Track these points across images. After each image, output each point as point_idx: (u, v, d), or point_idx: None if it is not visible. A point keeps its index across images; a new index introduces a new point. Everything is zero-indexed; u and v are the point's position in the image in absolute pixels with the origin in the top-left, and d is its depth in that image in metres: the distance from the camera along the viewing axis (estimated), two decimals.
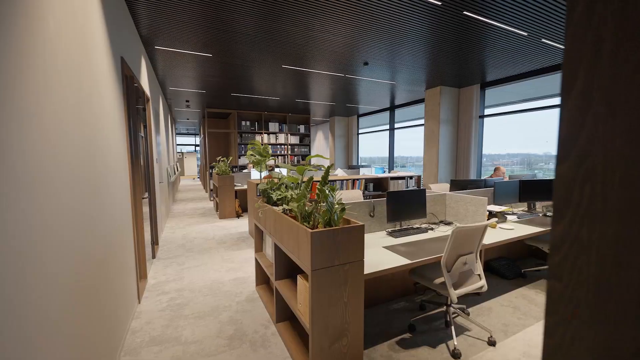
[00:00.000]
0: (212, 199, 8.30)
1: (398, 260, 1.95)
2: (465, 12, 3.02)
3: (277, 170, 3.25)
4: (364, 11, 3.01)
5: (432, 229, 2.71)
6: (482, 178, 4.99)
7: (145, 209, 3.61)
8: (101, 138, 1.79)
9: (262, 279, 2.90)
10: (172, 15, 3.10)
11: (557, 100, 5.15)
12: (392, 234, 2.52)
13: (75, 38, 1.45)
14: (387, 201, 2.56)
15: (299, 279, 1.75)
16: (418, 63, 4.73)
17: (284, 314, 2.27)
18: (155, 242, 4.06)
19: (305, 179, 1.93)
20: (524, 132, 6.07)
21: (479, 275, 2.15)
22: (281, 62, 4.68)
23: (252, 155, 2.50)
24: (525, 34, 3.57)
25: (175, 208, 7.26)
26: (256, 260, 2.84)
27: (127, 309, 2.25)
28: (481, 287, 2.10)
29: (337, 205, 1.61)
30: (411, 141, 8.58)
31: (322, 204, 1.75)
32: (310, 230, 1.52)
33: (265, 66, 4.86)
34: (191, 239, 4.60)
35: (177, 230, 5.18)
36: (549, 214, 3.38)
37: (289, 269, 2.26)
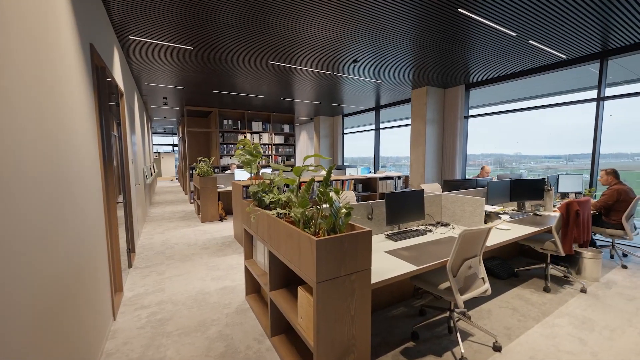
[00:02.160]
0: (192, 201, 7.91)
1: (403, 267, 1.83)
2: (459, 10, 2.98)
3: (265, 170, 3.06)
4: (357, 4, 2.89)
5: (430, 230, 2.63)
6: (470, 178, 5.03)
7: (120, 213, 3.30)
8: (67, 136, 1.54)
9: (252, 287, 2.70)
10: (147, 0, 2.83)
11: (539, 102, 5.30)
12: (391, 237, 2.41)
13: (32, 14, 1.21)
14: (386, 203, 2.45)
15: (300, 291, 1.59)
16: (407, 62, 4.69)
17: (280, 327, 2.10)
18: (131, 249, 3.73)
19: (305, 179, 1.76)
20: (496, 133, 6.24)
21: (482, 278, 2.09)
22: (267, 58, 4.47)
23: (241, 154, 2.31)
24: (515, 34, 3.59)
25: (152, 211, 6.83)
26: (246, 268, 2.64)
27: (100, 328, 1.99)
28: (485, 291, 2.03)
29: (344, 210, 1.47)
30: (391, 142, 8.61)
31: (322, 206, 1.60)
32: (315, 239, 1.36)
33: (250, 62, 4.63)
34: (171, 245, 4.30)
35: (155, 235, 4.83)
36: (538, 213, 3.41)
37: (284, 278, 2.09)
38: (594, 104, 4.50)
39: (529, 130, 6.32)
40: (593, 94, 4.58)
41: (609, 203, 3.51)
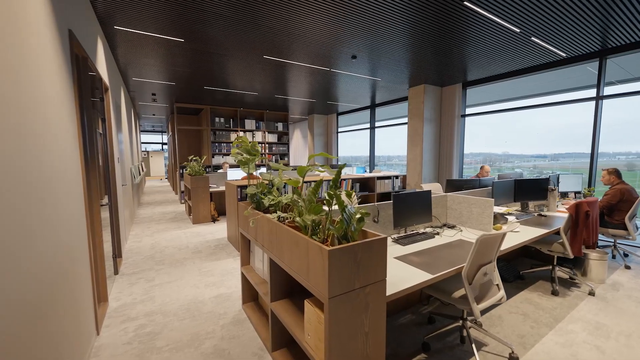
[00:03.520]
0: (183, 201, 7.65)
1: (416, 275, 1.69)
2: (465, 3, 2.85)
3: (260, 171, 2.88)
4: None
5: (437, 233, 2.51)
6: (471, 177, 4.95)
7: (105, 215, 3.08)
8: (38, 131, 1.34)
9: (249, 295, 2.53)
10: None
11: (533, 101, 5.27)
12: (398, 241, 2.27)
13: None
14: (393, 205, 2.31)
15: (308, 305, 1.43)
16: (406, 58, 4.56)
17: (281, 341, 1.93)
18: (117, 254, 3.50)
19: (308, 179, 1.60)
20: (485, 132, 6.24)
21: (497, 285, 1.97)
22: (262, 52, 4.28)
23: (238, 153, 2.13)
24: (518, 30, 3.50)
25: (141, 213, 6.55)
26: (243, 275, 2.47)
27: (82, 345, 1.79)
28: (501, 299, 1.91)
29: (358, 215, 1.31)
30: (382, 141, 8.54)
31: (330, 208, 1.45)
32: (328, 248, 1.20)
33: (244, 56, 4.43)
34: (161, 249, 4.07)
35: (144, 238, 4.58)
36: (543, 213, 3.34)
37: (287, 287, 1.92)
38: (587, 103, 4.50)
39: (517, 129, 6.35)
40: (586, 93, 4.58)
41: (612, 203, 3.47)
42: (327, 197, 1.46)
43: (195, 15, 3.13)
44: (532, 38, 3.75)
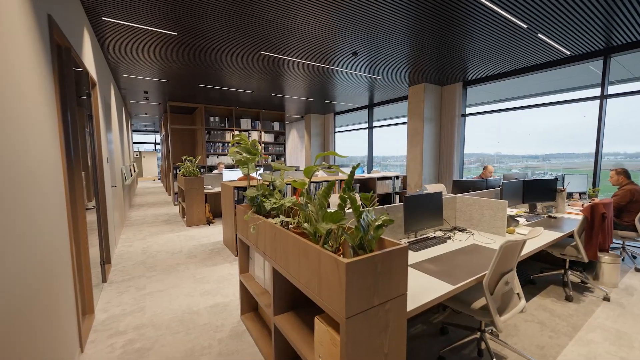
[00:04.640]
0: (176, 203, 7.41)
1: (435, 285, 1.54)
2: None
3: (259, 172, 2.70)
4: None
5: (448, 237, 2.37)
6: (475, 178, 4.84)
7: (93, 218, 2.87)
8: (7, 128, 1.15)
9: (248, 305, 2.35)
10: None
11: (530, 101, 5.19)
12: (410, 247, 2.12)
13: None
14: (404, 208, 2.16)
15: (319, 323, 1.26)
16: (407, 55, 4.43)
17: (285, 357, 1.76)
18: (105, 260, 3.29)
19: (314, 179, 1.44)
20: (478, 133, 6.18)
21: (517, 294, 1.83)
22: (259, 48, 4.10)
23: (237, 152, 1.96)
24: (525, 26, 3.40)
25: (132, 215, 6.30)
26: (241, 283, 2.29)
27: None
28: (523, 308, 1.78)
29: (379, 222, 1.16)
30: (377, 141, 8.43)
31: (344, 213, 1.29)
32: (345, 261, 1.04)
33: (241, 52, 4.25)
34: (153, 254, 3.86)
35: (135, 242, 4.36)
36: (552, 215, 3.23)
37: (291, 298, 1.76)
38: (582, 103, 4.47)
39: (509, 130, 6.32)
40: (584, 93, 4.55)
41: (622, 204, 3.38)
42: (339, 201, 1.30)
43: (190, 7, 2.94)
44: (539, 35, 3.65)
